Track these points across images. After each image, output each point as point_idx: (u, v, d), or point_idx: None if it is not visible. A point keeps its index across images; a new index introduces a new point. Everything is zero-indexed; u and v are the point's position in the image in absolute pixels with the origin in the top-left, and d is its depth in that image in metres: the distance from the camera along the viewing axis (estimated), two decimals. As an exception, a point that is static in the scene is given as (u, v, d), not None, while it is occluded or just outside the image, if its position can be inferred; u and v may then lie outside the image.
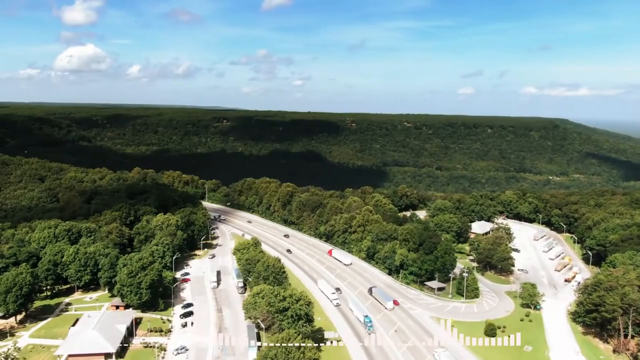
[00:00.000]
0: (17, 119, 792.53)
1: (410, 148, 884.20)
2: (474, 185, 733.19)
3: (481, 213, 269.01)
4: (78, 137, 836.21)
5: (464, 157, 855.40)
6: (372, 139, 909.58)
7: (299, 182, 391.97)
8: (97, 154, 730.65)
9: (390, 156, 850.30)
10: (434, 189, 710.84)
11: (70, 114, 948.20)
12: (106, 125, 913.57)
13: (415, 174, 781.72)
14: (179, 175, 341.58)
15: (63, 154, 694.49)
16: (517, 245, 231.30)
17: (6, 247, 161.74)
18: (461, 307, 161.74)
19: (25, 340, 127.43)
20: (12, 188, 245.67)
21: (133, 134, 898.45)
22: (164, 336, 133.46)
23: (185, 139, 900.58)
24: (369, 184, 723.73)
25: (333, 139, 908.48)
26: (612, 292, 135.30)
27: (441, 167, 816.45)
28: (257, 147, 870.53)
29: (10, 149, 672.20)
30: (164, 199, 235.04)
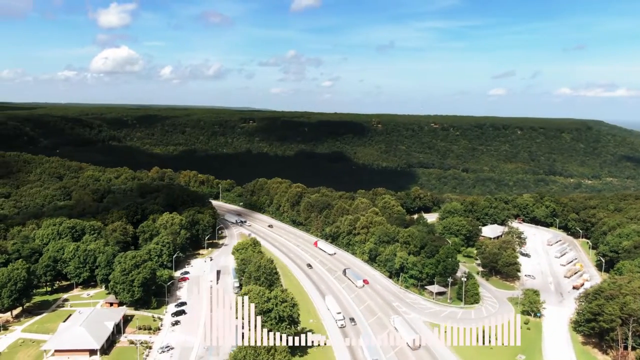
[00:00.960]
0: (50, 119, 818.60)
1: (436, 150, 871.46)
2: (501, 188, 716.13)
3: (495, 216, 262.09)
4: (108, 137, 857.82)
5: (491, 159, 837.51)
6: (397, 140, 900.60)
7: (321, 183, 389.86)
8: (125, 154, 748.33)
9: (416, 157, 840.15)
10: (459, 191, 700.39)
11: (102, 115, 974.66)
12: (136, 126, 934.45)
13: (441, 175, 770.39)
14: (195, 175, 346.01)
15: (93, 153, 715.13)
16: (528, 250, 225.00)
17: (10, 243, 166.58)
18: (458, 312, 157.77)
19: (17, 335, 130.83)
20: (29, 186, 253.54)
21: (161, 134, 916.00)
22: (152, 334, 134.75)
23: (212, 139, 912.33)
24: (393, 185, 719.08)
25: (358, 139, 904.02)
26: (612, 301, 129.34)
27: (467, 169, 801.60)
28: (282, 148, 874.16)
29: (42, 149, 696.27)
30: (173, 198, 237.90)
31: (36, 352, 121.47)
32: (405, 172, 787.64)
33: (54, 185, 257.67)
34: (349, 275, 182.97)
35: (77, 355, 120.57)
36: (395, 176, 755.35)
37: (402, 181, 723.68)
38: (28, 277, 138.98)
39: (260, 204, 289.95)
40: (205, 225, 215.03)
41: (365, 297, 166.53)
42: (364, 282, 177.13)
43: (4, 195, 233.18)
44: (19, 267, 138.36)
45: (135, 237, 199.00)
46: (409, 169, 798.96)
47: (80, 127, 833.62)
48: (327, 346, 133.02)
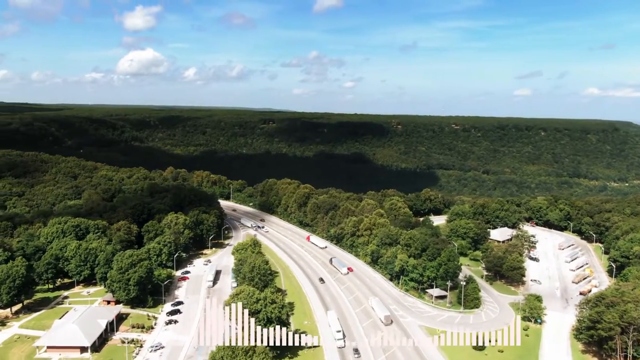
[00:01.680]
0: (75, 120, 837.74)
1: (456, 151, 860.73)
2: (522, 190, 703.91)
3: (505, 219, 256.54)
4: (131, 137, 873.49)
5: (513, 161, 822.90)
6: (417, 141, 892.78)
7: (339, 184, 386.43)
8: (147, 154, 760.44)
9: (436, 159, 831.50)
10: (479, 193, 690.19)
11: (126, 115, 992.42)
12: (158, 127, 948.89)
13: (460, 177, 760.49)
14: (207, 175, 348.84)
15: (115, 153, 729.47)
16: (538, 254, 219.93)
17: (15, 240, 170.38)
18: (457, 317, 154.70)
19: (14, 331, 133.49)
20: (42, 185, 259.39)
21: (182, 135, 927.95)
22: (145, 333, 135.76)
23: (232, 140, 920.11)
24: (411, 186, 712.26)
25: (377, 140, 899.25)
26: (612, 309, 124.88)
27: (488, 171, 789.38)
28: (301, 149, 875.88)
29: (66, 149, 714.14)
30: (180, 198, 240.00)
31: (30, 348, 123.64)
32: (424, 173, 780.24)
33: (66, 184, 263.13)
34: (334, 264, 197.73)
35: (69, 352, 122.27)
36: (414, 177, 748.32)
37: (420, 183, 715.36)
38: (27, 275, 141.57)
39: (269, 204, 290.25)
40: (209, 225, 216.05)
41: (363, 301, 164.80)
42: (348, 270, 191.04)
43: (17, 194, 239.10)
44: (18, 265, 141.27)
45: (140, 236, 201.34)
46: (428, 171, 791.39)
47: (104, 127, 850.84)
48: (318, 348, 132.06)
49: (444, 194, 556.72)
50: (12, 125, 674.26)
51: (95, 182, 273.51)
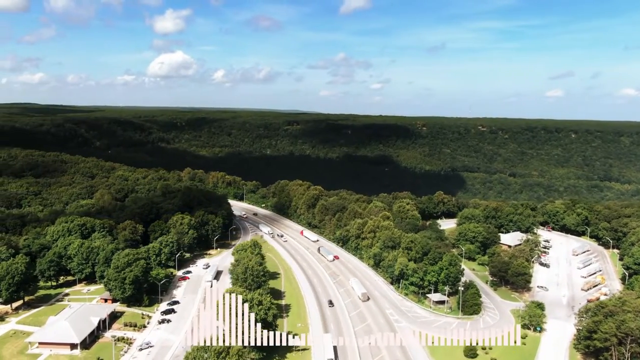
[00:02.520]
0: (103, 122, 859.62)
1: (482, 153, 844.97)
2: (550, 194, 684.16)
3: (519, 223, 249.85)
4: (158, 138, 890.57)
5: (541, 164, 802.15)
6: (442, 143, 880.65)
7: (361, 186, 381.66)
8: (172, 155, 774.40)
9: (461, 161, 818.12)
10: (504, 197, 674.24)
11: (154, 117, 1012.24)
12: (184, 128, 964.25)
13: (486, 180, 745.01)
14: (222, 176, 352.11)
15: (141, 154, 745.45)
16: (550, 260, 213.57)
17: (22, 238, 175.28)
18: (453, 322, 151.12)
19: (11, 326, 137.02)
20: (59, 184, 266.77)
21: (208, 136, 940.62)
22: (137, 331, 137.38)
23: (257, 141, 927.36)
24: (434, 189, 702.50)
25: (402, 142, 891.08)
26: (610, 319, 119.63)
27: (515, 174, 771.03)
28: (325, 150, 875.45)
29: (95, 149, 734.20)
30: (189, 198, 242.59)
31: (23, 344, 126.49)
32: (448, 175, 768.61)
33: (81, 184, 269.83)
34: (322, 252, 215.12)
35: (59, 348, 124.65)
36: (438, 180, 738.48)
37: (444, 185, 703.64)
38: (26, 272, 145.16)
39: (280, 206, 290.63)
40: (215, 226, 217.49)
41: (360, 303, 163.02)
42: (334, 257, 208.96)
43: (34, 193, 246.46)
44: (18, 262, 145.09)
45: (147, 235, 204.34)
46: (452, 173, 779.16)
47: (132, 129, 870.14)
48: (307, 351, 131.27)
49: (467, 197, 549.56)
50: (44, 126, 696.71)
51: (110, 182, 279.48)
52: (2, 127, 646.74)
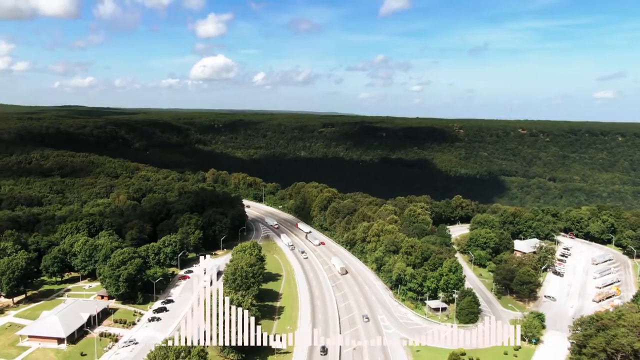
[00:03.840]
0: (143, 124, 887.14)
1: (521, 156, 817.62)
2: (592, 199, 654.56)
3: (538, 230, 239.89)
4: (195, 140, 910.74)
5: (584, 168, 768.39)
6: (479, 146, 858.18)
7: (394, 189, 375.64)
8: (208, 156, 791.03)
9: (498, 165, 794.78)
10: (542, 202, 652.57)
11: (193, 119, 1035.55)
12: (222, 130, 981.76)
13: (523, 184, 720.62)
14: (244, 177, 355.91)
15: (178, 155, 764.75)
16: (565, 269, 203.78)
17: (32, 235, 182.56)
18: (446, 331, 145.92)
19: (9, 319, 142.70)
20: (81, 184, 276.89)
21: (244, 138, 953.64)
22: (126, 328, 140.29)
23: (291, 143, 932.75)
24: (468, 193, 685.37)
25: (437, 145, 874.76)
26: (602, 333, 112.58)
27: (555, 179, 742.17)
28: (358, 153, 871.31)
29: (134, 150, 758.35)
30: (202, 199, 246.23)
31: (16, 336, 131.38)
32: (484, 179, 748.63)
33: (102, 184, 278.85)
34: (309, 238, 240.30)
35: (47, 342, 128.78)
36: (473, 183, 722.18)
37: (479, 189, 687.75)
38: (26, 267, 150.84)
39: (295, 208, 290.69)
40: (222, 226, 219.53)
41: (354, 307, 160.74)
42: (320, 243, 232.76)
43: (56, 192, 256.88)
44: (19, 257, 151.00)
45: (156, 234, 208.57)
46: (488, 177, 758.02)
47: (170, 131, 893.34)
48: (289, 354, 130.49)
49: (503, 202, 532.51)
50: (86, 128, 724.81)
51: (130, 183, 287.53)
52: (47, 129, 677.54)
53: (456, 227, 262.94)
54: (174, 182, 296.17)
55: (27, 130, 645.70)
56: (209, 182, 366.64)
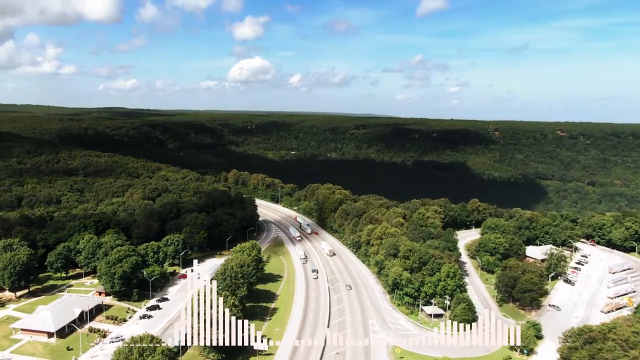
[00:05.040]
0: (178, 125, 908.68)
1: (559, 160, 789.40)
2: (634, 205, 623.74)
3: (555, 236, 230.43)
4: (228, 141, 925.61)
5: (626, 172, 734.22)
6: (515, 149, 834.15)
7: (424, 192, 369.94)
8: (240, 158, 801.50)
9: (533, 168, 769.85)
10: (580, 207, 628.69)
11: (227, 121, 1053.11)
12: (254, 131, 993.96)
13: (559, 188, 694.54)
14: (263, 178, 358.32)
15: (210, 156, 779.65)
16: (579, 277, 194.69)
17: (41, 232, 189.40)
18: (434, 337, 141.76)
19: (8, 312, 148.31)
20: (100, 182, 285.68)
21: (276, 140, 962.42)
22: (116, 324, 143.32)
23: (323, 144, 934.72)
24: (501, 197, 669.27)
25: (471, 147, 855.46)
26: (588, 346, 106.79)
27: (594, 183, 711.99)
28: (390, 155, 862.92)
29: (168, 151, 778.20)
30: (213, 199, 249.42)
31: (10, 329, 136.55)
32: (518, 183, 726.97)
33: (118, 182, 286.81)
34: (303, 227, 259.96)
35: (38, 336, 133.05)
36: (506, 187, 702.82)
37: (512, 192, 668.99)
38: (27, 262, 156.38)
39: (308, 209, 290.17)
40: (228, 226, 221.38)
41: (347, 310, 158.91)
42: (313, 233, 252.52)
43: (76, 190, 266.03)
44: (21, 253, 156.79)
45: (164, 233, 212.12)
46: (523, 180, 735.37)
47: (204, 132, 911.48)
48: (271, 355, 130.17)
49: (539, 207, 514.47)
50: (122, 129, 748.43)
51: (147, 182, 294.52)
52: (85, 130, 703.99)
53: (471, 232, 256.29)
54: (191, 182, 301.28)
55: (67, 131, 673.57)
56: (229, 183, 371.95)
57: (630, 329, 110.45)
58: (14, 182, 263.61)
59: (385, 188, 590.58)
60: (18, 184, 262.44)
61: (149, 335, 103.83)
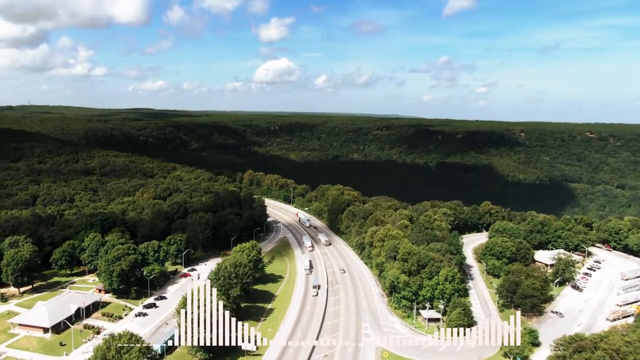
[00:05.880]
0: (201, 126, 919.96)
1: (587, 162, 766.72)
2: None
3: (567, 240, 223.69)
4: (251, 142, 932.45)
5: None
6: (541, 151, 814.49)
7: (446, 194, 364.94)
8: (263, 158, 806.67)
9: (560, 170, 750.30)
10: (607, 210, 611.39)
11: (251, 121, 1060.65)
12: (277, 132, 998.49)
13: (587, 191, 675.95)
14: (276, 179, 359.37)
15: (232, 156, 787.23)
16: (588, 283, 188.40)
17: (49, 230, 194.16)
18: (428, 342, 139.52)
19: (10, 307, 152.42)
20: (115, 182, 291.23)
21: (299, 141, 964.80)
22: (112, 322, 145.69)
23: (345, 145, 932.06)
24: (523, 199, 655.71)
25: (495, 149, 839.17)
26: (576, 355, 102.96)
27: (624, 186, 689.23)
28: (412, 156, 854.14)
29: (191, 151, 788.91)
30: (221, 199, 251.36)
31: (9, 324, 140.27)
32: (544, 185, 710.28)
33: (131, 182, 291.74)
34: (302, 221, 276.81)
35: (34, 331, 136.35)
36: (531, 189, 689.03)
37: (536, 195, 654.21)
38: (30, 259, 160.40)
39: (318, 210, 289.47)
40: (233, 226, 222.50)
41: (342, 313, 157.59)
42: (310, 225, 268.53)
43: (90, 189, 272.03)
44: (24, 250, 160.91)
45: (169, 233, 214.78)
46: (549, 183, 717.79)
47: (227, 133, 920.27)
48: (259, 356, 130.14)
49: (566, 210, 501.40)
50: (147, 129, 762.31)
51: (160, 182, 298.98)
52: (111, 130, 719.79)
53: (481, 235, 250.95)
54: (203, 183, 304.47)
55: (93, 132, 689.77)
56: (245, 183, 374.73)
57: (625, 338, 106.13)
58: (31, 181, 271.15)
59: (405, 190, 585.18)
60: (35, 182, 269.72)
61: (128, 333, 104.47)
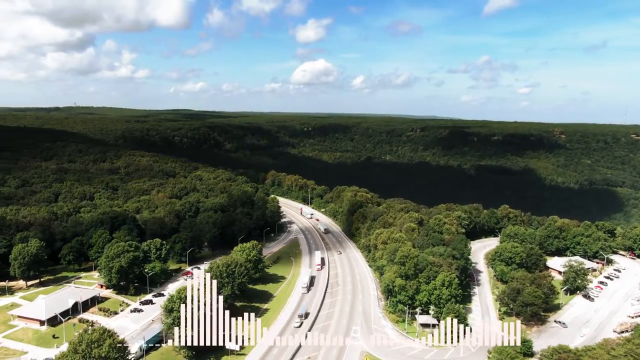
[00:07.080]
0: (234, 127, 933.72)
1: (632, 165, 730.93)
2: None
3: (586, 247, 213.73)
4: (284, 143, 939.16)
5: None
6: (582, 153, 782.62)
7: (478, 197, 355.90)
8: (295, 159, 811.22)
9: (602, 174, 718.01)
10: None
11: (285, 122, 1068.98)
12: (311, 133, 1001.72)
13: (630, 196, 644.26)
14: (296, 180, 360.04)
15: (265, 157, 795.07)
16: (599, 292, 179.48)
17: (61, 226, 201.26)
18: (416, 349, 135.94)
19: (14, 299, 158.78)
20: (134, 181, 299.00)
21: (332, 142, 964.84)
22: (107, 316, 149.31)
23: (378, 147, 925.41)
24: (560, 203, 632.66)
25: (533, 152, 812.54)
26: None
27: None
28: (446, 158, 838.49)
29: (224, 151, 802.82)
30: (233, 199, 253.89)
31: (9, 315, 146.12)
32: (584, 190, 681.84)
33: (151, 181, 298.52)
34: (304, 212, 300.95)
35: (31, 323, 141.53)
36: (569, 194, 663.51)
37: (575, 200, 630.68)
38: (36, 254, 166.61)
39: (333, 212, 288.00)
40: (241, 226, 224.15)
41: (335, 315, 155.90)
42: (314, 217, 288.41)
43: (110, 188, 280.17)
44: (31, 245, 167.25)
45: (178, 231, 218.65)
46: (589, 187, 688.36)
47: (260, 134, 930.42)
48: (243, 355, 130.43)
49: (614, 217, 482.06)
50: (182, 130, 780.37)
51: (179, 181, 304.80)
52: (148, 131, 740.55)
53: (497, 240, 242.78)
54: (221, 182, 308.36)
55: (130, 132, 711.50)
56: (267, 184, 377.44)
57: (614, 352, 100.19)
58: (56, 179, 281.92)
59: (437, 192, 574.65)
60: (59, 180, 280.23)
61: (100, 328, 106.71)
